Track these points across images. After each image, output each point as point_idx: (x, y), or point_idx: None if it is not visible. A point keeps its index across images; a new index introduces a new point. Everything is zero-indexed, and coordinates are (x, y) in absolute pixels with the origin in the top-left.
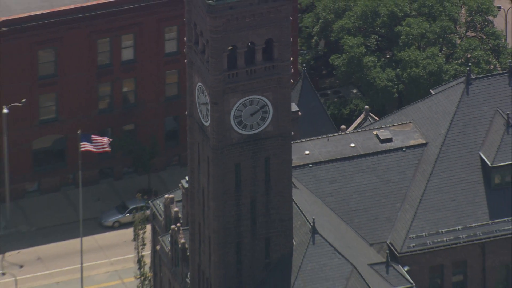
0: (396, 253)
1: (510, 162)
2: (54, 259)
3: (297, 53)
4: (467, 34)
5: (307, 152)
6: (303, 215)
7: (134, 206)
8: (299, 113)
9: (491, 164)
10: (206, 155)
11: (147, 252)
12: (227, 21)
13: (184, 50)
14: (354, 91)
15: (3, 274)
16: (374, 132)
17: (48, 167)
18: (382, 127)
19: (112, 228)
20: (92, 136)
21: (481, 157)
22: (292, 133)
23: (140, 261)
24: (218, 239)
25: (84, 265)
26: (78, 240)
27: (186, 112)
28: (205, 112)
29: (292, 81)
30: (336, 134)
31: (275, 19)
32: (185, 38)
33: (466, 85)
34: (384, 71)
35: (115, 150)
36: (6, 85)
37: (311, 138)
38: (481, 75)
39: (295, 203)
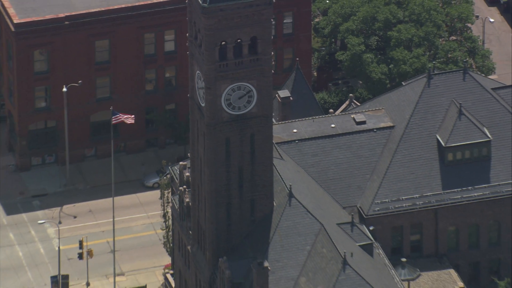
0: (363, 215)
1: (460, 144)
2: (102, 212)
3: (311, 49)
4: (450, 38)
5: (294, 131)
6: (283, 181)
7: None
8: (291, 98)
9: (445, 145)
10: (203, 131)
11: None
12: (219, 21)
13: (187, 44)
14: (361, 82)
15: (75, 217)
16: (352, 116)
17: (103, 137)
18: (359, 112)
19: (152, 188)
20: (119, 113)
21: (437, 139)
22: (273, 114)
23: (165, 215)
24: (211, 199)
25: (126, 217)
26: (123, 197)
27: (188, 95)
28: (202, 95)
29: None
30: (320, 116)
31: (259, 20)
32: (187, 34)
33: (428, 79)
34: (379, 66)
35: (159, 124)
36: (68, 69)
37: (299, 119)
38: (441, 71)
39: (277, 171)
